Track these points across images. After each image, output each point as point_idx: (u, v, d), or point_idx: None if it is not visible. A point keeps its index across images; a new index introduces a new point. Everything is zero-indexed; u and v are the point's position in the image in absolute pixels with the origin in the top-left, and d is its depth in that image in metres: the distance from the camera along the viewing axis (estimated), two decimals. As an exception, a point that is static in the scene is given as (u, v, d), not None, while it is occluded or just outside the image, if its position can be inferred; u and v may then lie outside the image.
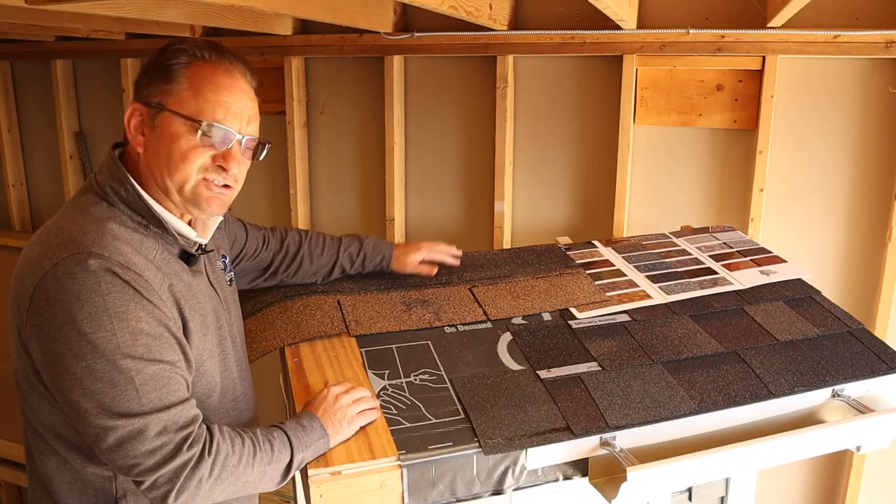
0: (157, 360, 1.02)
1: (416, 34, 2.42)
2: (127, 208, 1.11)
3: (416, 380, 1.38)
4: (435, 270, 1.74)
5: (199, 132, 1.10)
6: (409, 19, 2.47)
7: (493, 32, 2.31)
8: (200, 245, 1.22)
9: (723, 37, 2.08)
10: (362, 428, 1.23)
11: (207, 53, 1.14)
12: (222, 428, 1.10)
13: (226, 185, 1.16)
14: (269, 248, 1.60)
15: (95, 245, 1.02)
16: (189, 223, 1.21)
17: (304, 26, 2.63)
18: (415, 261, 1.72)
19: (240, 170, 1.17)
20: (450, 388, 1.35)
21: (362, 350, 1.47)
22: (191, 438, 1.03)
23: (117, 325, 0.99)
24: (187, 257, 1.19)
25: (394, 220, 2.64)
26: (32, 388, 1.10)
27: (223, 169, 1.14)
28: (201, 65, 1.13)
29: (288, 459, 1.13)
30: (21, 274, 1.05)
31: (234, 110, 1.14)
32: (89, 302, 0.98)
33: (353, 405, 1.23)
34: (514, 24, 2.34)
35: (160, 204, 1.15)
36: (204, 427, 1.07)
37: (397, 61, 2.51)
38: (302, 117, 2.70)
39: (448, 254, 1.77)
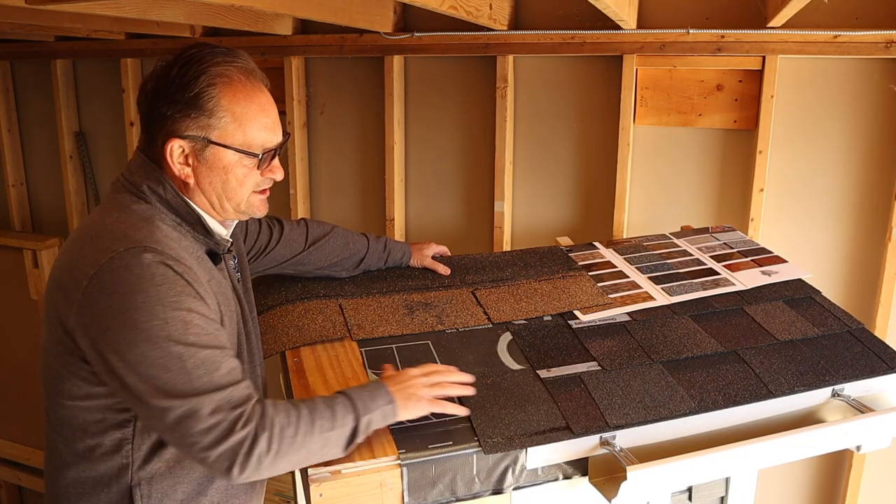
0: (207, 346, 1.05)
1: (416, 34, 2.42)
2: (165, 207, 1.15)
3: (416, 379, 1.37)
4: (449, 271, 1.79)
5: (257, 160, 1.17)
6: (409, 19, 2.47)
7: (493, 32, 2.31)
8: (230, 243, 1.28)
9: (723, 37, 2.08)
10: (439, 415, 1.22)
11: (226, 69, 1.13)
12: (277, 402, 1.11)
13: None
14: (292, 234, 1.62)
15: (148, 240, 1.07)
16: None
17: (304, 26, 2.63)
18: (428, 255, 1.82)
19: None
20: (450, 387, 1.34)
21: (362, 350, 1.47)
22: (244, 416, 1.04)
23: (170, 314, 1.03)
24: (212, 256, 1.23)
25: (394, 219, 2.64)
26: (62, 377, 1.12)
27: (271, 178, 1.23)
28: (233, 90, 1.13)
29: (353, 424, 1.13)
30: (69, 267, 1.07)
31: (273, 126, 1.19)
32: (143, 292, 1.02)
33: (426, 388, 1.22)
34: (514, 24, 2.34)
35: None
36: (258, 405, 1.08)
37: (397, 61, 2.51)
38: (302, 117, 2.71)
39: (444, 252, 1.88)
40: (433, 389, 1.22)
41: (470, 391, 1.28)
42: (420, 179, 2.65)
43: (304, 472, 1.17)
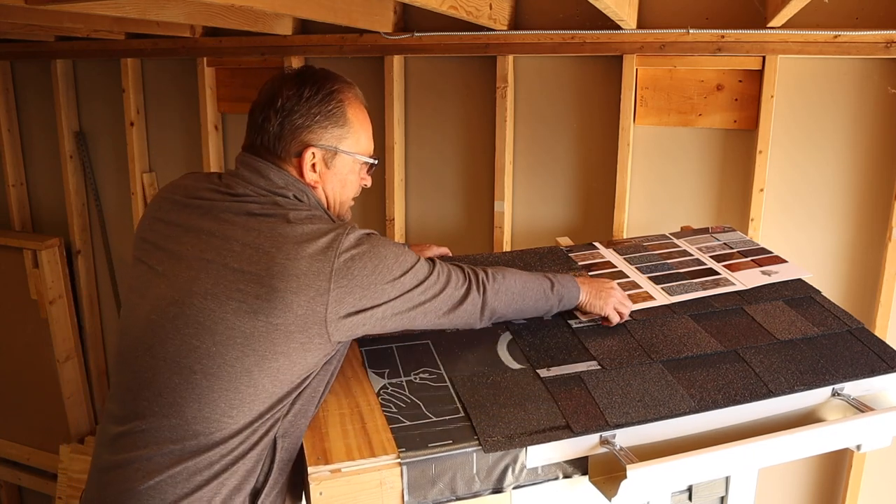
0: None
1: (416, 34, 2.42)
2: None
3: (415, 378, 1.38)
4: None
5: (368, 166, 1.40)
6: (409, 19, 2.47)
7: (493, 32, 2.32)
8: None
9: (723, 37, 2.08)
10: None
11: (349, 88, 1.34)
12: None
13: None
14: None
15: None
16: None
17: (304, 26, 2.64)
18: (428, 256, 1.79)
19: None
20: (449, 386, 1.34)
21: (362, 349, 1.47)
22: (456, 266, 1.36)
23: (404, 252, 1.28)
24: None
25: (394, 220, 2.64)
26: (274, 356, 1.17)
27: (364, 185, 1.43)
28: (354, 106, 1.34)
29: (548, 285, 1.46)
30: (304, 259, 1.17)
31: (372, 138, 1.40)
32: (383, 246, 1.25)
33: (613, 296, 1.51)
34: (514, 24, 2.34)
35: None
36: None
37: (397, 61, 2.51)
38: (302, 117, 2.71)
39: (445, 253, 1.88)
40: (619, 299, 1.51)
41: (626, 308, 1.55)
42: (420, 179, 2.65)
43: (304, 470, 1.17)
